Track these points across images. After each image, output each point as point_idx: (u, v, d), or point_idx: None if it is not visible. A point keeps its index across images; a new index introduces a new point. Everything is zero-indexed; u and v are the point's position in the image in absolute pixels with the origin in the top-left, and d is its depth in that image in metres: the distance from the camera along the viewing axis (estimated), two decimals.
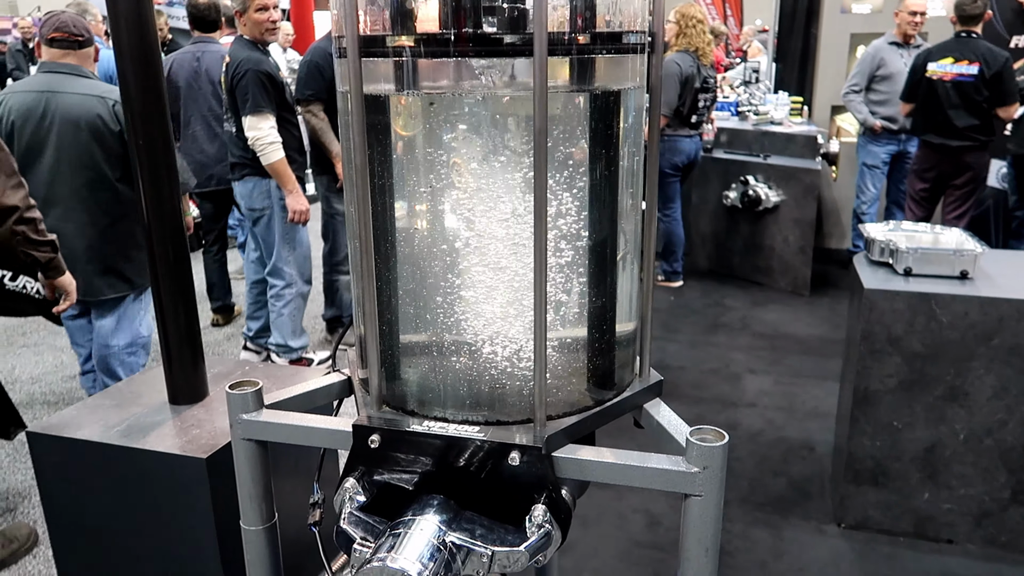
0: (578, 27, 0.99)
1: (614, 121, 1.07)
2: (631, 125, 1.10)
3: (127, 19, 1.48)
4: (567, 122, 1.05)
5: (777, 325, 4.57)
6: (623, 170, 1.11)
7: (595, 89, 1.04)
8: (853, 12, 5.85)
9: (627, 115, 1.08)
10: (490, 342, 1.11)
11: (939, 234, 2.77)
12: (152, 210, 1.60)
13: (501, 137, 1.01)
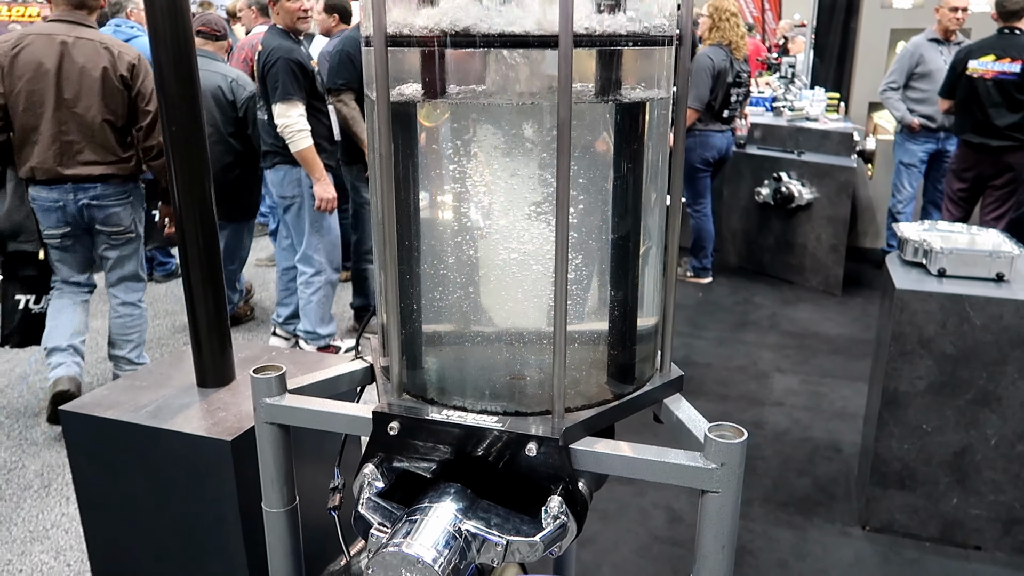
0: (603, 20, 0.99)
1: (640, 117, 1.06)
2: (656, 120, 1.09)
3: (163, 9, 1.50)
4: (591, 115, 1.04)
5: (807, 324, 4.52)
6: (648, 164, 1.10)
7: (620, 91, 1.03)
8: (894, 7, 5.74)
9: (652, 111, 1.08)
10: (510, 333, 1.12)
11: (975, 235, 2.72)
12: (183, 197, 1.63)
13: (524, 130, 1.01)
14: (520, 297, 1.12)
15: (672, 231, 1.18)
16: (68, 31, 3.01)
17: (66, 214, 3.10)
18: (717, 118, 4.86)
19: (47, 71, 2.96)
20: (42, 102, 2.98)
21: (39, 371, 3.89)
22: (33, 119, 2.99)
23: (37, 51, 2.97)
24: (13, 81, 2.96)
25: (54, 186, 3.05)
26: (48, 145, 3.00)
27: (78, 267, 3.31)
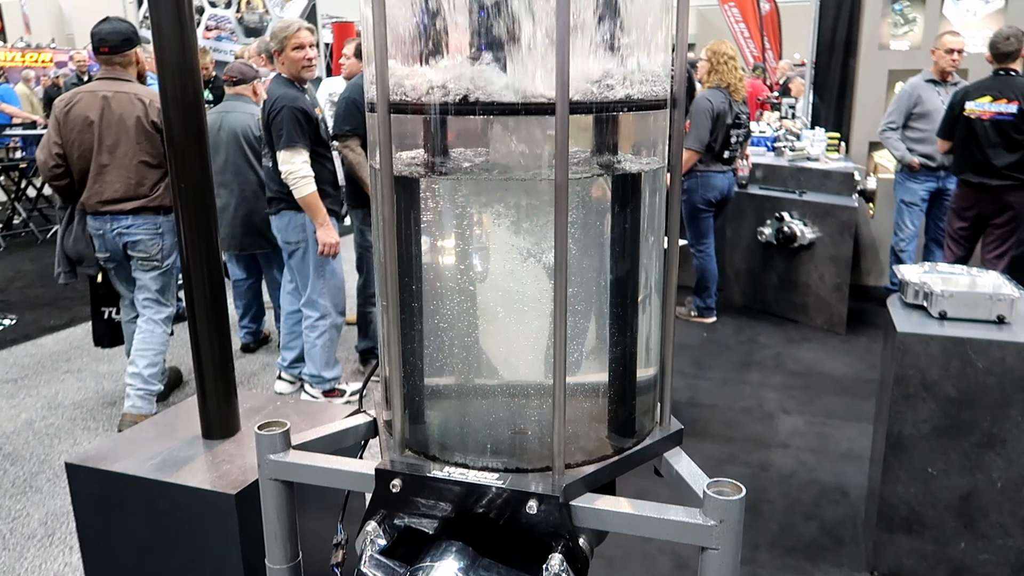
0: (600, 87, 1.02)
1: (636, 183, 1.09)
2: (653, 184, 1.12)
3: (172, 71, 1.55)
4: (588, 180, 1.07)
5: (811, 364, 4.51)
6: (645, 222, 1.13)
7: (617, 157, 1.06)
8: (891, 49, 5.83)
9: (649, 176, 1.10)
10: (510, 388, 1.13)
11: (975, 277, 2.73)
12: (190, 251, 1.66)
13: (523, 193, 1.04)
14: (520, 352, 1.14)
15: (670, 279, 1.20)
16: (109, 87, 3.52)
17: (105, 241, 3.61)
18: (718, 159, 4.91)
19: (92, 122, 3.47)
20: (89, 148, 3.49)
21: (45, 416, 3.90)
22: (84, 163, 3.51)
23: (84, 106, 3.48)
24: (67, 132, 3.49)
25: (97, 217, 3.57)
26: (92, 183, 3.52)
27: (128, 286, 3.80)
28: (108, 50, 3.54)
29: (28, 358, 4.74)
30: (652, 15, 1.07)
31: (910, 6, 5.72)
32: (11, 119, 9.38)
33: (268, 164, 3.75)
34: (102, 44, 3.54)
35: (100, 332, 4.04)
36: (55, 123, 3.52)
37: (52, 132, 3.53)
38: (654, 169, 1.10)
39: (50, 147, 3.51)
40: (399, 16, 1.06)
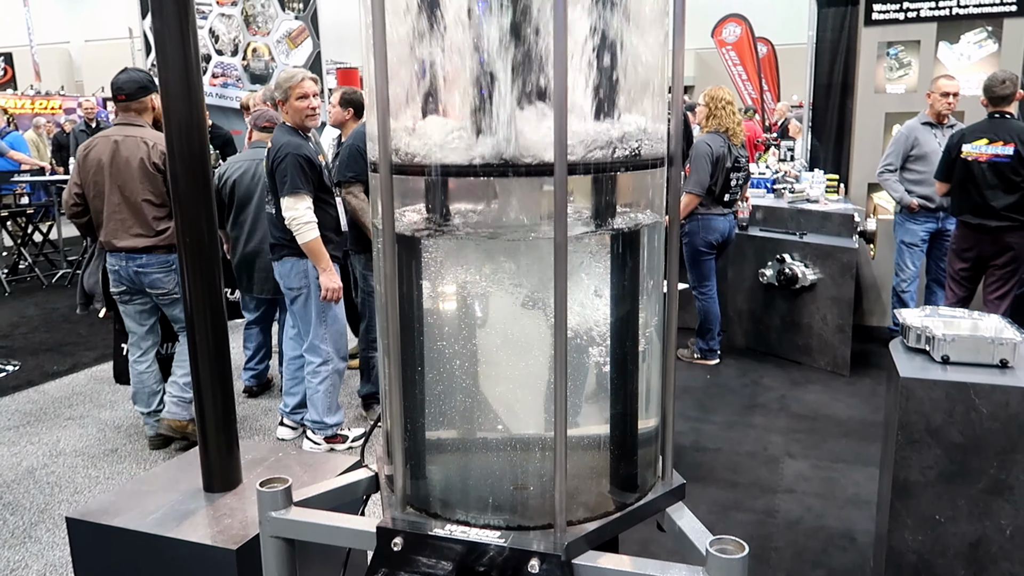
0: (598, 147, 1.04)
1: (634, 241, 1.10)
2: (651, 241, 1.13)
3: (180, 127, 1.58)
4: (587, 240, 1.09)
5: (816, 406, 4.49)
6: (643, 278, 1.14)
7: (615, 216, 1.08)
8: (887, 92, 5.91)
9: (647, 234, 1.12)
10: (511, 443, 1.14)
11: (977, 321, 2.73)
12: (194, 304, 1.67)
13: (522, 254, 1.05)
14: (520, 407, 1.14)
15: (670, 334, 1.20)
16: (121, 131, 3.75)
17: (122, 277, 3.80)
18: (718, 202, 4.95)
19: (104, 165, 3.70)
20: (103, 190, 3.71)
21: (46, 464, 3.88)
22: (100, 203, 3.74)
23: (99, 150, 3.73)
24: (85, 175, 3.74)
25: (113, 254, 3.77)
26: (107, 222, 3.74)
27: (138, 319, 3.93)
28: (124, 97, 3.78)
29: (30, 404, 4.73)
30: (647, 79, 1.09)
31: (905, 51, 5.81)
32: (20, 166, 9.49)
33: (271, 211, 3.79)
34: (119, 92, 3.78)
35: (120, 368, 4.31)
36: (76, 165, 3.81)
37: (73, 173, 3.84)
38: (651, 224, 1.12)
39: (71, 187, 3.81)
40: (401, 78, 1.09)
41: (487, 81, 1.03)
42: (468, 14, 1.03)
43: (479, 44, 1.03)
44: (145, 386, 3.98)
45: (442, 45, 1.06)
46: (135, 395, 4.01)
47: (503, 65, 1.03)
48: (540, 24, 1.01)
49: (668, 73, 1.14)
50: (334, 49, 10.94)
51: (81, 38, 23.15)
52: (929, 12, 5.69)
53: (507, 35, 1.02)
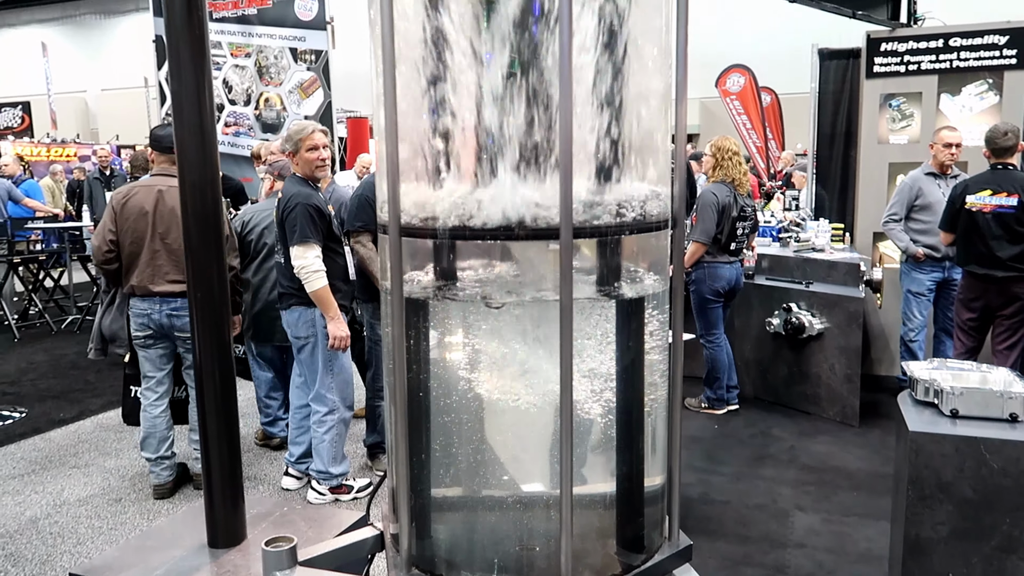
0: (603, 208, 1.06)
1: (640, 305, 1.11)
2: (657, 306, 1.14)
3: (193, 184, 1.61)
4: (593, 303, 1.10)
5: (826, 458, 4.44)
6: (651, 338, 1.15)
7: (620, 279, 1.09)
8: (890, 143, 5.97)
9: (652, 299, 1.13)
10: (517, 504, 1.13)
11: (986, 373, 2.72)
12: (203, 356, 1.69)
13: (529, 317, 1.06)
14: (526, 467, 1.14)
15: (675, 395, 1.21)
16: (163, 182, 3.90)
17: (151, 321, 3.86)
18: (724, 251, 4.97)
19: (147, 213, 3.82)
20: (142, 236, 3.82)
21: (50, 515, 3.86)
22: (136, 249, 3.83)
23: (141, 198, 3.84)
24: (123, 221, 3.83)
25: (146, 299, 3.83)
26: (144, 268, 3.83)
27: (157, 363, 3.98)
28: (168, 148, 3.92)
29: (36, 452, 4.72)
30: (652, 144, 1.12)
31: (907, 102, 5.89)
32: (34, 213, 9.63)
33: (280, 260, 3.83)
34: (160, 142, 3.98)
35: (128, 408, 4.26)
36: (111, 213, 3.86)
37: (108, 221, 3.87)
38: (656, 287, 1.13)
39: (105, 234, 3.85)
40: (411, 141, 1.11)
41: (495, 147, 1.06)
42: (477, 83, 1.06)
43: (486, 112, 1.05)
44: (157, 430, 3.98)
45: (452, 110, 1.09)
46: (145, 440, 4.00)
47: (510, 131, 1.05)
48: (547, 92, 1.04)
49: (672, 133, 1.17)
50: (344, 98, 11.13)
51: (98, 87, 23.67)
52: (930, 65, 5.78)
53: (514, 103, 1.05)
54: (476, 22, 1.05)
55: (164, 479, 4.02)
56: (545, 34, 1.02)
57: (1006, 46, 5.59)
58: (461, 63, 1.07)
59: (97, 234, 3.91)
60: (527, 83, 1.05)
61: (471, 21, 1.06)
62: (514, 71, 1.05)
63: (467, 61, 1.07)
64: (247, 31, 9.28)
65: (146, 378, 4.00)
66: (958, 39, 5.70)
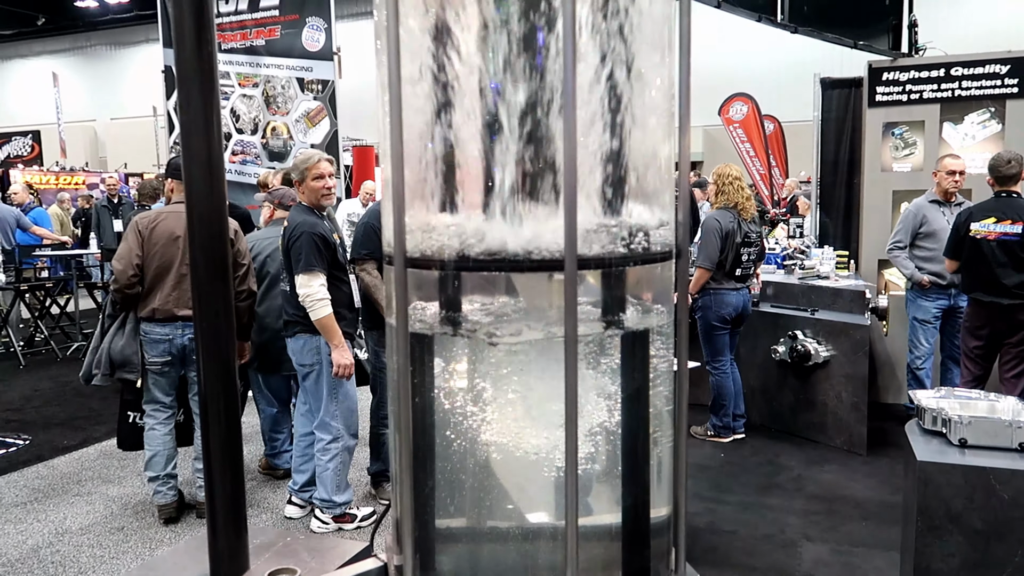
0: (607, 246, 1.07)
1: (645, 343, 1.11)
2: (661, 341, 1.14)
3: (201, 215, 1.62)
4: (598, 337, 1.10)
5: (833, 487, 4.40)
6: (656, 369, 1.15)
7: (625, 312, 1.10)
8: (894, 170, 5.99)
9: (656, 334, 1.13)
10: (521, 535, 1.13)
11: (994, 402, 2.70)
12: (208, 385, 1.69)
13: (532, 349, 1.07)
14: (531, 500, 1.14)
15: (680, 418, 1.20)
16: None
17: (172, 345, 3.91)
18: (730, 277, 4.97)
19: (177, 237, 3.89)
20: (171, 261, 3.88)
21: (52, 543, 3.84)
22: (163, 274, 3.89)
23: (171, 223, 3.91)
24: (150, 246, 3.89)
25: (167, 323, 3.88)
26: (169, 292, 3.89)
27: (167, 388, 4.02)
28: None
29: (39, 480, 4.71)
30: (656, 175, 1.13)
31: (909, 131, 5.92)
32: (41, 240, 9.69)
33: (286, 288, 3.84)
34: (179, 173, 3.98)
35: (124, 434, 4.25)
36: (137, 238, 3.89)
37: (134, 246, 3.88)
38: (660, 319, 1.13)
39: (131, 259, 3.86)
40: (415, 171, 1.12)
41: (499, 178, 1.07)
42: (481, 115, 1.08)
43: (490, 143, 1.06)
44: (166, 448, 4.03)
45: (456, 141, 1.10)
46: (152, 459, 4.01)
47: (515, 161, 1.06)
48: (551, 123, 1.05)
49: (675, 162, 1.18)
50: (350, 126, 11.25)
51: (107, 116, 23.96)
52: (932, 94, 5.82)
53: (519, 136, 1.06)
54: (481, 52, 1.07)
55: (170, 498, 4.04)
56: (549, 65, 1.03)
57: (1007, 75, 5.63)
58: (465, 92, 1.08)
59: (121, 258, 3.90)
60: (532, 115, 1.06)
61: (476, 51, 1.07)
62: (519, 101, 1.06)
63: (472, 90, 1.08)
64: (255, 62, 9.39)
65: (154, 402, 4.02)
66: (960, 68, 5.75)
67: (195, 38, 1.61)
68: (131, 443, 4.23)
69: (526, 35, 1.05)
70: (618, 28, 1.05)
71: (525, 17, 1.03)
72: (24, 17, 21.42)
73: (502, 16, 1.03)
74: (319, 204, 3.84)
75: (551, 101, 1.06)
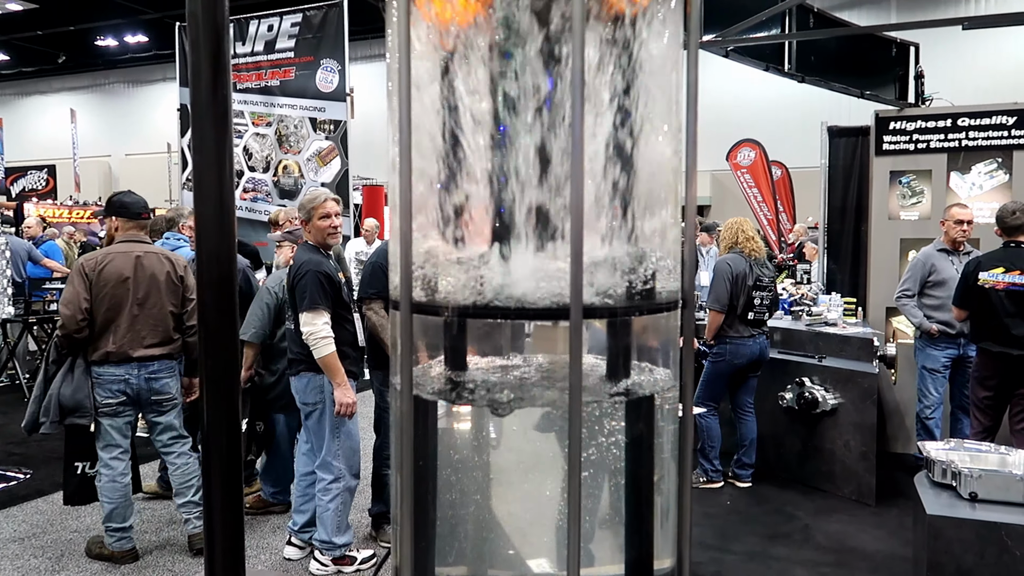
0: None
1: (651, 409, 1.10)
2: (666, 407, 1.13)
3: (210, 255, 1.63)
4: (602, 398, 1.10)
5: (842, 538, 4.32)
6: (659, 431, 1.13)
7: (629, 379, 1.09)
8: (901, 219, 6.00)
9: (662, 400, 1.12)
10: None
11: (1005, 455, 2.67)
12: (212, 426, 1.68)
13: (536, 393, 1.06)
14: (533, 550, 1.12)
15: (684, 474, 1.18)
16: (138, 247, 3.97)
17: (128, 386, 3.88)
18: (744, 322, 4.94)
19: (127, 279, 3.88)
20: (120, 302, 3.85)
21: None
22: (113, 315, 3.84)
23: (119, 265, 3.88)
24: (99, 288, 3.83)
25: (123, 364, 3.85)
26: (124, 334, 3.85)
27: (123, 431, 3.96)
28: (147, 215, 4.10)
29: (39, 515, 4.67)
30: (665, 225, 1.13)
31: (916, 180, 5.94)
32: (52, 273, 9.76)
33: (291, 326, 3.85)
34: (144, 210, 4.11)
35: (72, 488, 4.05)
36: (84, 281, 3.80)
37: (81, 290, 3.79)
38: (666, 388, 1.12)
39: (79, 303, 3.77)
40: (421, 213, 1.13)
41: (506, 223, 1.07)
42: (490, 159, 1.08)
43: (496, 189, 1.07)
44: (128, 500, 3.95)
45: (463, 185, 1.11)
46: (113, 511, 3.89)
47: (521, 208, 1.07)
48: (560, 166, 1.06)
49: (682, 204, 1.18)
50: (361, 165, 11.37)
51: (122, 152, 24.32)
52: (939, 144, 5.86)
53: (526, 180, 1.06)
54: (491, 96, 1.08)
55: (132, 544, 3.99)
56: (558, 109, 1.04)
57: (1014, 126, 5.67)
58: (474, 135, 1.09)
59: (69, 303, 3.78)
60: (540, 158, 1.07)
61: (486, 94, 1.08)
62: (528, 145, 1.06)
63: (482, 134, 1.09)
64: (269, 101, 9.55)
65: (112, 447, 3.91)
66: (966, 119, 5.79)
67: (211, 81, 1.63)
68: (81, 496, 4.07)
69: (535, 80, 1.06)
70: (625, 74, 1.06)
71: (534, 62, 1.04)
72: (46, 55, 21.88)
73: (513, 64, 1.05)
74: (325, 243, 3.87)
75: (558, 144, 1.07)
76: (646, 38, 1.07)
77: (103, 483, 3.90)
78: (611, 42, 1.05)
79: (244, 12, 9.74)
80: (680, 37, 1.13)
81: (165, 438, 4.05)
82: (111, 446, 3.91)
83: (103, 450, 3.92)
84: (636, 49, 1.10)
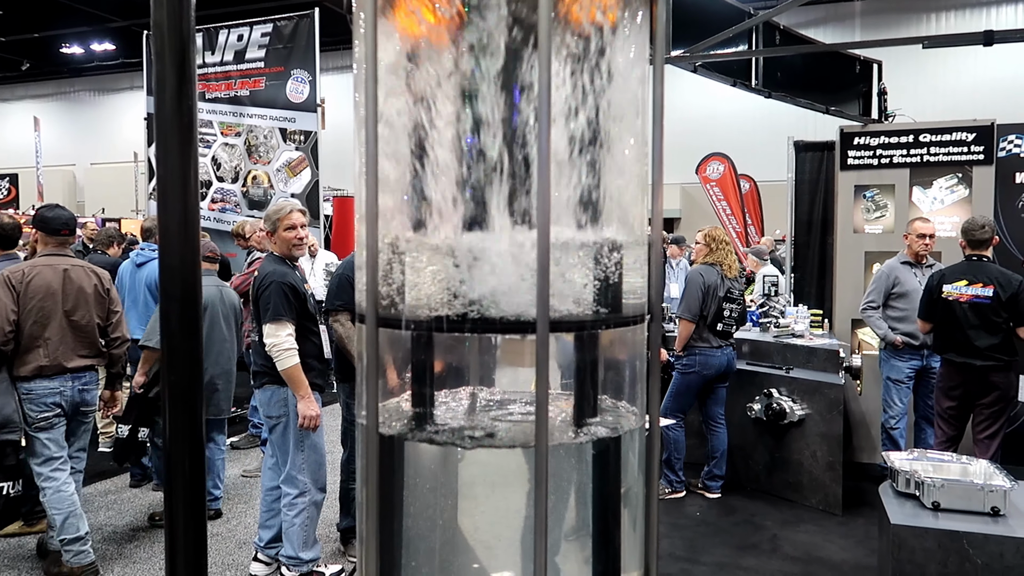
0: None
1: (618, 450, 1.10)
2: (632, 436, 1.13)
3: (173, 271, 1.61)
4: (569, 440, 1.09)
5: (809, 547, 4.36)
6: (626, 471, 1.13)
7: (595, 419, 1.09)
8: (866, 232, 6.11)
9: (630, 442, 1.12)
10: None
11: (966, 465, 2.71)
12: (175, 444, 1.65)
13: (512, 459, 1.06)
14: (498, 560, 1.11)
15: (652, 493, 1.18)
16: (64, 261, 4.00)
17: (63, 398, 3.88)
18: (712, 331, 4.99)
19: (55, 291, 3.86)
20: (48, 315, 3.83)
21: None
22: (40, 329, 3.81)
23: (47, 277, 3.87)
24: (27, 301, 3.79)
25: (56, 377, 3.84)
26: (57, 346, 3.84)
27: (60, 442, 3.91)
28: (68, 232, 4.12)
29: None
30: (631, 232, 1.13)
31: (880, 194, 6.06)
32: None
33: (255, 339, 3.80)
34: (65, 227, 4.08)
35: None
36: (11, 294, 3.75)
37: (8, 302, 3.74)
38: (633, 428, 1.12)
39: (7, 315, 3.72)
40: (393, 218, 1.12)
41: (476, 228, 1.07)
42: (456, 170, 1.08)
43: (461, 206, 1.07)
44: (76, 508, 3.86)
45: (428, 196, 1.10)
46: (65, 523, 3.80)
47: (497, 213, 1.06)
48: (525, 178, 1.06)
49: None
50: (332, 176, 11.30)
51: (87, 161, 23.91)
52: (901, 159, 5.98)
53: (494, 194, 1.06)
54: (457, 111, 1.08)
55: (91, 557, 3.89)
56: (525, 126, 1.04)
57: (973, 143, 5.80)
58: (440, 148, 1.09)
59: None
60: (502, 173, 1.06)
61: (452, 108, 1.08)
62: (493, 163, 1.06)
63: (447, 145, 1.08)
64: (238, 111, 9.47)
65: (52, 460, 3.85)
66: (928, 135, 5.92)
67: (176, 91, 1.61)
68: (4, 519, 4.00)
69: (503, 94, 1.06)
70: (591, 87, 1.06)
71: (501, 75, 1.04)
72: (8, 62, 21.50)
73: (479, 74, 1.05)
74: (291, 254, 3.84)
75: (524, 158, 1.07)
76: (612, 54, 1.08)
77: (48, 496, 3.83)
78: (577, 57, 1.06)
79: (213, 21, 9.65)
80: (647, 53, 1.13)
81: (74, 448, 4.03)
82: (50, 459, 3.86)
83: (42, 465, 3.84)
84: (603, 65, 1.10)
